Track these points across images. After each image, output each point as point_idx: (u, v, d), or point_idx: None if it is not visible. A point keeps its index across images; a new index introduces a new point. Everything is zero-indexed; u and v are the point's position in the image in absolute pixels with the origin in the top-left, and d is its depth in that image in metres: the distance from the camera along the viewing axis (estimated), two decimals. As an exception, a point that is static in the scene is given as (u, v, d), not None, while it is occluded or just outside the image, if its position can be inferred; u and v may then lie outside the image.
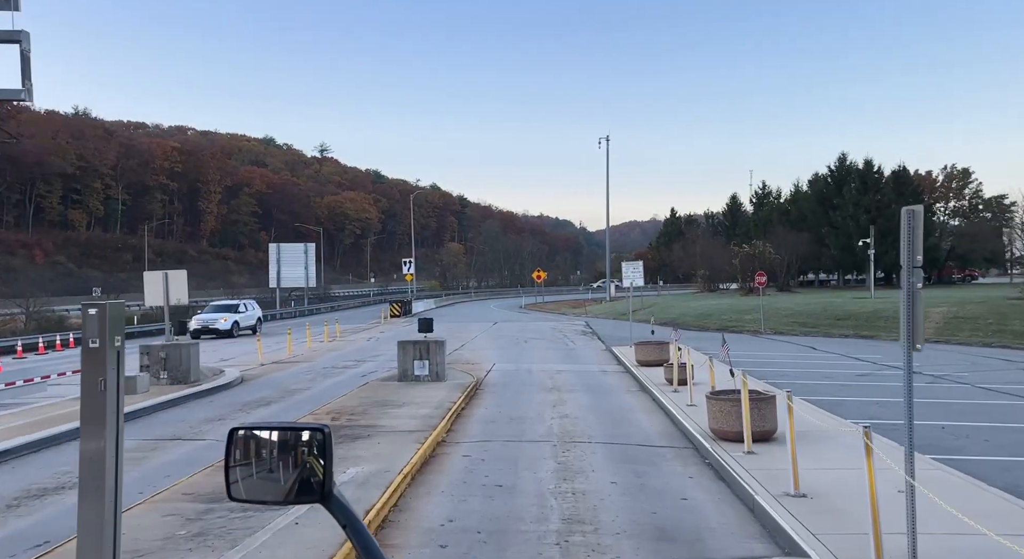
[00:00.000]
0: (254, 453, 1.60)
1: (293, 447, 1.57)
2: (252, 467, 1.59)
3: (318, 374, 19.12)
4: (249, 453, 1.60)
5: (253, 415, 13.27)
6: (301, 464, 1.55)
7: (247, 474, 1.60)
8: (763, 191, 77.88)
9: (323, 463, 1.54)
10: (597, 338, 30.73)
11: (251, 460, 1.60)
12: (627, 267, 52.29)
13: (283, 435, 1.59)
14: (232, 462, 1.60)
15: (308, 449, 1.56)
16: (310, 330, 30.94)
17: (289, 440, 1.58)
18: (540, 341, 29.33)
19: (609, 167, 66.35)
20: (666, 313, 43.27)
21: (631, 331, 26.49)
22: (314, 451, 1.56)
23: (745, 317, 37.94)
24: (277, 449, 1.59)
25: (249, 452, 1.60)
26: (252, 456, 1.60)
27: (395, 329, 37.20)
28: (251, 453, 1.60)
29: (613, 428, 11.80)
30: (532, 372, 19.26)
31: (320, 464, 1.54)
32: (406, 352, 16.43)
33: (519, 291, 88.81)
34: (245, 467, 1.60)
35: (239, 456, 1.60)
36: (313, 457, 1.55)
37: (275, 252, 58.39)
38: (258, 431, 1.61)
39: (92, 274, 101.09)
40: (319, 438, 1.56)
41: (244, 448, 1.61)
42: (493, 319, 45.60)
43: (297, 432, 1.58)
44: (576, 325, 39.70)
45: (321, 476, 1.53)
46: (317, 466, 1.54)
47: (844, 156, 69.80)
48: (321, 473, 1.54)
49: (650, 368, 18.73)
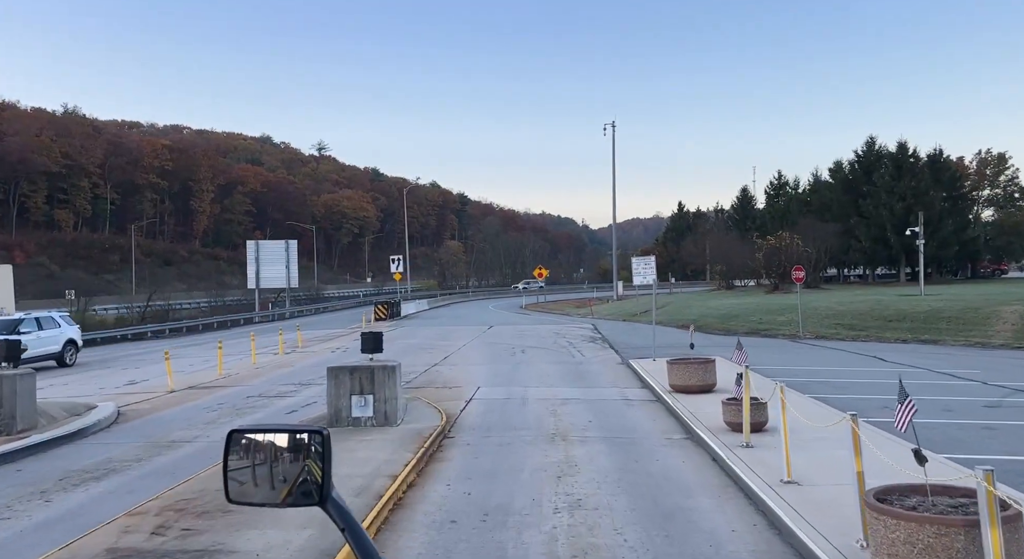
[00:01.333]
0: (253, 456, 1.58)
1: (292, 450, 1.56)
2: (251, 470, 1.57)
3: (231, 409, 13.60)
4: (248, 456, 1.58)
5: (56, 503, 7.88)
6: (300, 467, 1.54)
7: (246, 477, 1.58)
8: (779, 182, 72.10)
9: (322, 466, 1.53)
10: (609, 346, 25.26)
11: (250, 463, 1.57)
12: (637, 263, 46.57)
13: (282, 438, 1.57)
14: (231, 465, 1.58)
15: (307, 452, 1.54)
16: (281, 337, 25.58)
17: (288, 443, 1.56)
18: (540, 351, 23.88)
19: (615, 155, 60.74)
20: (683, 314, 37.79)
21: (653, 338, 21.01)
22: (312, 454, 1.54)
23: (777, 318, 32.42)
24: (276, 452, 1.56)
25: (248, 455, 1.58)
26: (251, 459, 1.58)
27: (374, 335, 31.80)
28: (250, 456, 1.58)
29: (666, 543, 6.36)
30: (527, 402, 13.82)
31: (319, 467, 1.53)
32: (339, 383, 10.92)
33: (519, 290, 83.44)
34: (244, 470, 1.58)
35: (238, 459, 1.58)
36: (312, 460, 1.53)
37: (253, 250, 52.91)
38: (257, 434, 1.59)
39: (76, 276, 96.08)
40: (318, 441, 1.55)
41: (243, 451, 1.58)
42: (489, 322, 40.17)
43: (296, 435, 1.57)
44: (582, 328, 34.26)
45: (320, 479, 1.52)
46: (316, 469, 1.53)
47: (872, 140, 63.47)
48: (320, 476, 1.52)
49: (690, 396, 13.29)
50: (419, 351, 24.39)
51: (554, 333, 31.25)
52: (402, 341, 28.62)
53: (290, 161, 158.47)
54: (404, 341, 28.66)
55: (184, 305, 68.24)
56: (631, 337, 28.74)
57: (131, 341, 37.83)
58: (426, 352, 23.91)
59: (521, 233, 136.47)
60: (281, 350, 24.20)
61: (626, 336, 29.37)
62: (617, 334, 30.43)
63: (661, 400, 13.66)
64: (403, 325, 39.65)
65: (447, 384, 16.41)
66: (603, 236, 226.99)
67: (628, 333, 31.01)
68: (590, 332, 31.97)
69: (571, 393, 14.89)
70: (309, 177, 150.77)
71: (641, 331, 31.67)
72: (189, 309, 66.62)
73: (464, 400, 14.10)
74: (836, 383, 15.65)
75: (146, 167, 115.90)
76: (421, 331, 33.98)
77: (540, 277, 66.26)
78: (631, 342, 26.39)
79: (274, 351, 24.43)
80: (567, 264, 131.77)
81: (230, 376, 18.52)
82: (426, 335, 31.29)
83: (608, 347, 25.09)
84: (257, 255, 52.26)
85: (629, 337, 28.79)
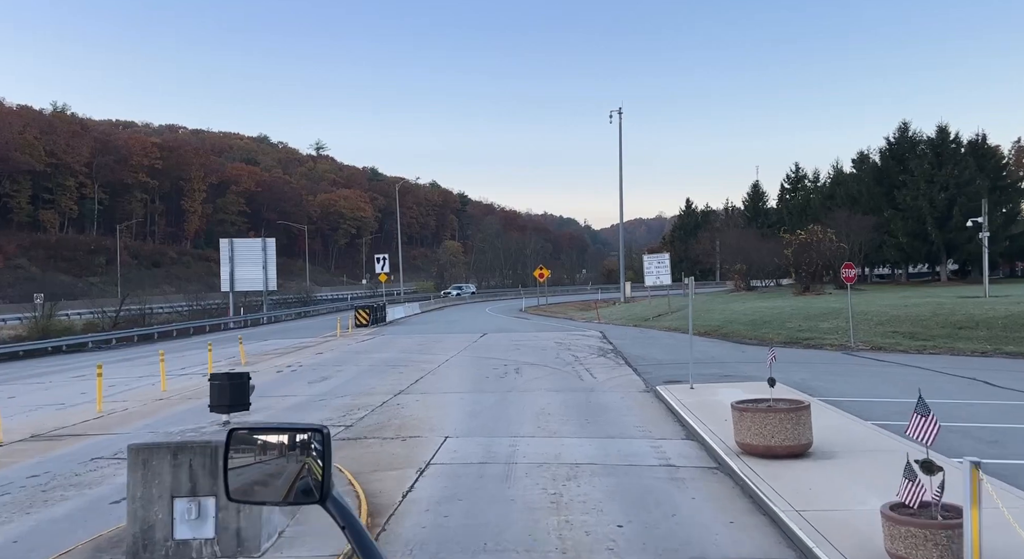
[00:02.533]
0: (253, 454, 1.54)
1: (292, 448, 1.52)
2: (251, 468, 1.54)
3: (21, 499, 8.37)
4: (248, 454, 1.54)
5: None
6: (300, 465, 1.51)
7: (246, 475, 1.54)
8: (796, 175, 66.64)
9: (322, 464, 1.49)
10: (624, 362, 20.01)
11: (250, 461, 1.54)
12: (649, 261, 40.48)
13: (282, 436, 1.54)
14: (231, 463, 1.54)
15: (307, 450, 1.51)
16: (210, 353, 20.41)
17: (288, 441, 1.53)
18: (539, 370, 18.64)
19: (622, 144, 55.25)
20: (705, 319, 32.58)
21: (691, 350, 15.73)
22: (313, 452, 1.51)
23: (820, 325, 27.16)
24: (276, 450, 1.53)
25: (248, 453, 1.54)
26: (251, 457, 1.54)
27: (344, 348, 26.62)
28: (250, 454, 1.54)
29: None
30: (515, 472, 8.63)
31: (319, 465, 1.49)
32: (149, 477, 5.72)
33: (520, 292, 78.27)
34: (244, 468, 1.54)
35: (238, 457, 1.55)
36: (312, 458, 1.50)
37: (227, 249, 47.70)
38: (257, 432, 1.56)
39: (59, 278, 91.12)
40: (318, 439, 1.51)
41: (243, 449, 1.55)
42: (482, 329, 34.99)
43: (296, 433, 1.53)
44: (589, 336, 29.07)
45: (320, 477, 1.48)
46: (316, 467, 1.49)
47: (905, 126, 57.00)
48: (320, 474, 1.48)
49: (775, 464, 8.11)
50: (387, 370, 19.17)
51: (556, 343, 26.05)
52: (372, 355, 23.43)
53: (287, 161, 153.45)
54: (375, 355, 23.46)
55: (163, 309, 63.39)
56: (649, 348, 23.55)
57: (90, 351, 32.98)
58: (395, 372, 18.70)
59: (522, 233, 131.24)
60: (211, 368, 18.89)
61: (642, 347, 24.17)
62: (632, 344, 25.25)
63: (727, 470, 8.45)
64: (384, 332, 34.47)
65: (401, 431, 11.21)
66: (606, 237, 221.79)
67: (644, 343, 25.83)
68: (599, 341, 26.79)
69: (583, 450, 9.68)
70: (306, 177, 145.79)
71: (659, 341, 26.49)
72: (166, 313, 61.79)
73: (416, 468, 8.89)
74: (977, 432, 10.42)
75: (135, 166, 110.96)
76: (400, 341, 28.78)
77: (541, 278, 61.11)
78: (650, 356, 21.20)
79: (202, 371, 19.16)
80: (570, 265, 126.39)
81: (112, 414, 13.31)
82: (404, 346, 26.08)
83: (623, 363, 19.86)
84: (231, 255, 47.10)
85: (646, 348, 23.61)
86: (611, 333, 30.52)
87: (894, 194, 52.73)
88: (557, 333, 31.43)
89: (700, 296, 51.44)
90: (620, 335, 29.42)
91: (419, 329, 36.48)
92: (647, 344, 25.22)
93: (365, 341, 28.74)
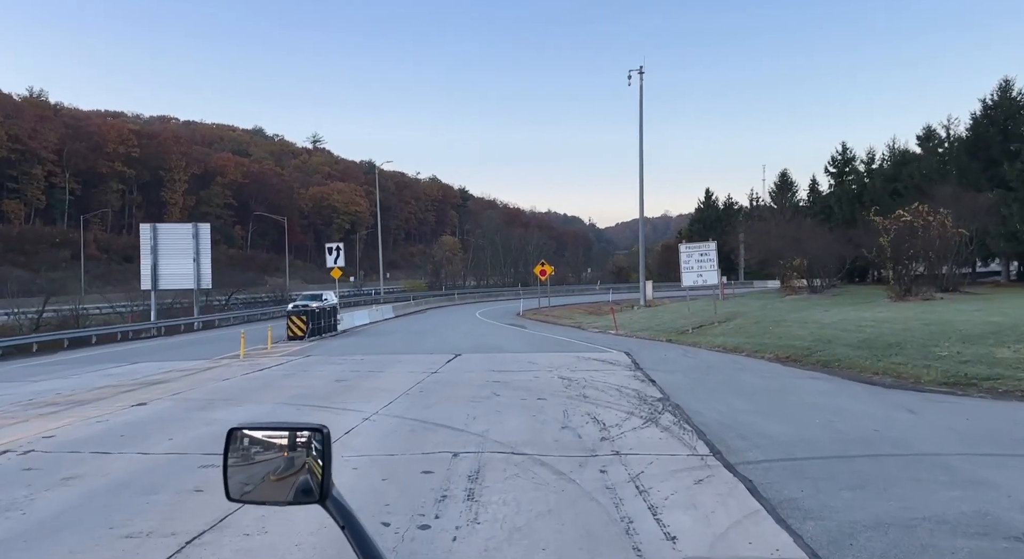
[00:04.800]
0: (253, 453, 1.49)
1: (292, 448, 1.46)
2: (251, 468, 1.48)
3: None
4: (248, 453, 1.49)
5: None
6: (300, 465, 1.45)
7: (246, 475, 1.48)
8: (842, 157, 55.43)
9: (322, 464, 1.44)
10: (711, 452, 9.00)
11: (250, 460, 1.49)
12: (689, 252, 28.27)
13: (282, 435, 1.48)
14: (231, 462, 1.49)
15: (307, 450, 1.45)
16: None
17: (288, 441, 1.47)
18: (525, 478, 7.74)
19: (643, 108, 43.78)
20: (781, 335, 21.72)
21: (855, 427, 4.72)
22: (313, 452, 1.45)
23: (995, 353, 16.25)
24: (276, 450, 1.47)
25: (248, 452, 1.49)
26: (251, 456, 1.49)
27: (193, 393, 15.83)
28: (250, 453, 1.49)
29: None
30: None
31: (319, 465, 1.44)
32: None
33: (519, 292, 67.45)
34: (244, 468, 1.48)
35: (238, 456, 1.49)
36: (312, 458, 1.45)
37: (148, 237, 37.07)
38: (257, 431, 1.50)
39: (15, 274, 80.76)
40: (318, 439, 1.45)
41: (243, 448, 1.49)
42: (458, 345, 24.28)
43: (296, 432, 1.48)
44: (610, 364, 18.26)
45: (320, 477, 1.43)
46: (316, 467, 1.44)
47: (1008, 83, 43.63)
48: (320, 474, 1.43)
49: None
50: (181, 477, 8.29)
51: (563, 382, 15.16)
52: (213, 414, 12.56)
53: (280, 153, 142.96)
54: (218, 414, 12.61)
55: (104, 309, 52.92)
56: (729, 399, 12.66)
57: None
58: (183, 494, 7.83)
59: (525, 230, 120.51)
60: None
61: (714, 394, 13.28)
62: (693, 387, 14.36)
63: None
64: (315, 351, 23.73)
65: None
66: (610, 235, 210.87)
67: (712, 384, 14.97)
68: (631, 376, 15.92)
69: None
70: (299, 169, 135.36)
71: (733, 377, 15.33)
72: (104, 314, 51.32)
73: None
74: None
75: (111, 154, 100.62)
76: (318, 371, 17.95)
77: (543, 276, 50.43)
78: (745, 422, 10.27)
79: None
80: (574, 263, 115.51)
81: None
82: (306, 390, 15.06)
83: (708, 452, 8.91)
84: (154, 244, 36.39)
85: (725, 399, 12.72)
86: (644, 357, 19.70)
87: (1000, 170, 40.83)
88: (563, 355, 20.62)
89: (750, 300, 40.00)
90: (660, 362, 18.56)
91: (369, 345, 25.78)
92: (719, 388, 14.33)
93: (256, 374, 17.90)
